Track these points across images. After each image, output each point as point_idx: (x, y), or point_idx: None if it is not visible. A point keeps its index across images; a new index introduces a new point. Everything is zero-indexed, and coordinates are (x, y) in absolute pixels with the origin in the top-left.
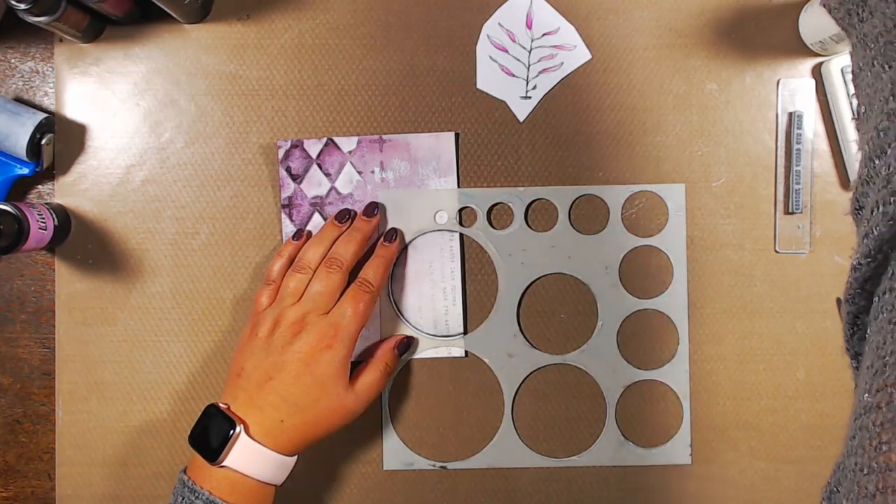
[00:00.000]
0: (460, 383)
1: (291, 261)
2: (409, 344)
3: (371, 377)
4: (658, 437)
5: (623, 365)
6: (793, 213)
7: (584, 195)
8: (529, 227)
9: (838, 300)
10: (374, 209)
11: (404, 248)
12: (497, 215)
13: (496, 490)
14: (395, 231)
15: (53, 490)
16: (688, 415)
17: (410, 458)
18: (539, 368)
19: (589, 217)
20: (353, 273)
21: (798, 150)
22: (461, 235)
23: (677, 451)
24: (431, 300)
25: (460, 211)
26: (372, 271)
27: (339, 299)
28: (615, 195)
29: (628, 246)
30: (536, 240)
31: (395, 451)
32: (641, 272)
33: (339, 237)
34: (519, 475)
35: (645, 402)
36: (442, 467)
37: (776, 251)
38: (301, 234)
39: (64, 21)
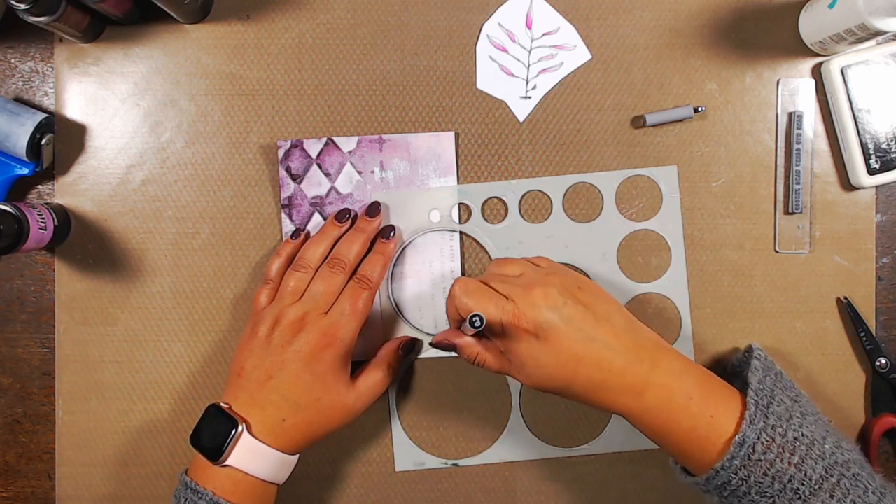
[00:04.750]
0: (460, 383)
1: (290, 260)
2: (413, 345)
3: (374, 377)
4: None
5: None
6: (793, 213)
7: (576, 183)
8: (524, 219)
9: (838, 300)
10: (376, 209)
11: (404, 248)
12: (492, 210)
13: (496, 490)
14: (392, 227)
15: (53, 490)
16: None
17: (422, 458)
18: None
19: (583, 205)
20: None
21: (798, 150)
22: (461, 235)
23: None
24: (431, 300)
25: (459, 207)
26: (370, 268)
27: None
28: (608, 181)
29: (624, 231)
30: (532, 231)
31: (406, 452)
32: (640, 256)
33: (340, 237)
34: (520, 475)
35: None
36: (454, 465)
37: (776, 251)
38: (299, 234)
39: (64, 21)
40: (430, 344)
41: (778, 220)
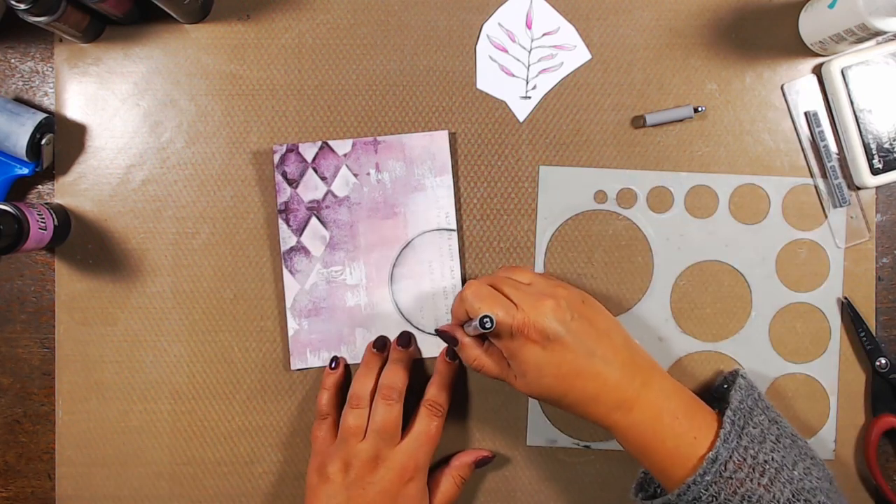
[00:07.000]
0: (461, 383)
1: (336, 389)
2: (489, 460)
3: (448, 492)
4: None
5: (773, 356)
6: (841, 206)
7: (743, 184)
8: (688, 212)
9: (838, 300)
10: (408, 339)
11: (403, 248)
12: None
13: (496, 490)
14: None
15: (53, 490)
16: (834, 411)
17: (555, 436)
18: (688, 355)
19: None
20: None
21: (825, 146)
22: (460, 235)
23: (822, 444)
24: (432, 300)
25: (624, 191)
26: (435, 390)
27: (402, 426)
28: (774, 186)
29: (786, 238)
30: (694, 225)
31: (538, 428)
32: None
33: (383, 366)
34: (520, 475)
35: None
36: (586, 447)
37: (837, 247)
38: (338, 362)
39: (64, 21)
40: (435, 331)
41: (830, 219)
